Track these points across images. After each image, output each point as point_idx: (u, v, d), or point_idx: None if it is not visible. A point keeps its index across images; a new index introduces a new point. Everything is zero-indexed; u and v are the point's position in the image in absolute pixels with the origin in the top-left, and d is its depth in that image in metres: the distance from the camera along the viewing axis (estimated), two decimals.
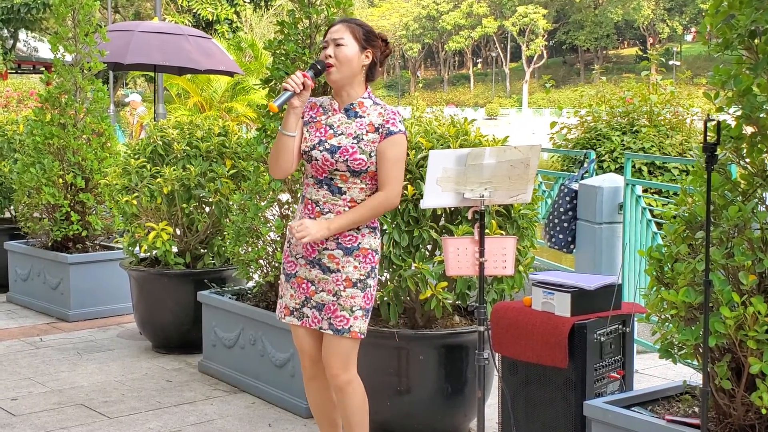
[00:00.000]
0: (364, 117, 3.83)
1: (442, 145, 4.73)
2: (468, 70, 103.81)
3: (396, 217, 4.63)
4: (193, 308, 6.34)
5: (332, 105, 3.90)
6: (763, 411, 3.20)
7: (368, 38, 3.84)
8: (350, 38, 3.80)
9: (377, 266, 3.92)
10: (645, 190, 7.35)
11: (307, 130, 3.88)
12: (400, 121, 3.83)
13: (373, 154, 3.78)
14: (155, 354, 6.61)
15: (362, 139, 3.79)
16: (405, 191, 4.59)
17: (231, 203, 6.24)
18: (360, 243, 3.85)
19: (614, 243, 6.51)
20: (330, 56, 3.78)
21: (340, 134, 3.81)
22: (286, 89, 3.70)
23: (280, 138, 3.80)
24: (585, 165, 7.22)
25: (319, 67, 3.79)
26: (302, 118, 3.88)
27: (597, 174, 7.59)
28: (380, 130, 3.79)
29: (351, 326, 3.83)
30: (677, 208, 3.65)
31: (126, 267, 6.72)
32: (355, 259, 3.83)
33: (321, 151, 3.79)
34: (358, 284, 3.84)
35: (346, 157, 3.76)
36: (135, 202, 6.42)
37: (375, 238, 3.91)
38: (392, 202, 3.83)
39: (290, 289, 3.95)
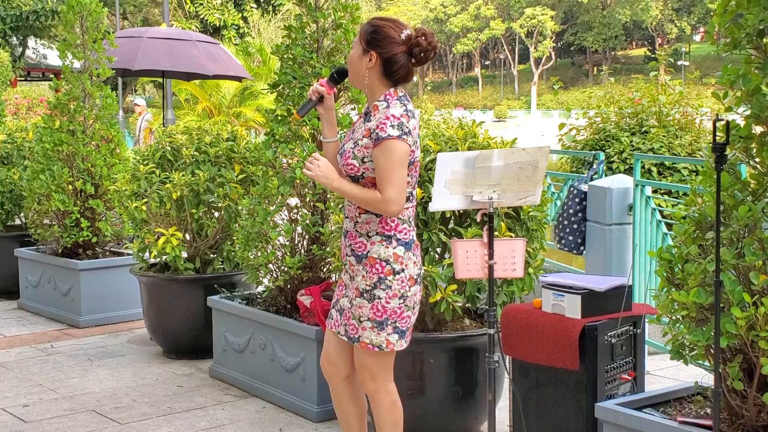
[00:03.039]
0: (370, 121, 3.69)
1: (450, 147, 4.73)
2: (476, 72, 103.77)
3: None
4: (204, 313, 6.34)
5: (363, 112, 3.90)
6: None
7: (371, 39, 3.66)
8: (356, 41, 3.76)
9: (391, 278, 3.69)
10: (654, 191, 7.34)
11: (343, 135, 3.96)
12: (391, 126, 3.59)
13: (366, 159, 3.65)
14: (166, 359, 6.61)
15: (358, 144, 3.68)
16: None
17: (240, 208, 6.25)
18: (368, 251, 3.71)
19: (624, 244, 6.49)
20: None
21: (350, 139, 3.79)
22: (310, 98, 3.77)
23: (324, 145, 3.89)
24: (594, 166, 7.21)
25: (335, 75, 3.81)
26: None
27: (606, 175, 7.57)
28: (372, 135, 3.62)
29: (360, 336, 3.77)
30: (687, 208, 3.64)
31: (136, 273, 6.73)
32: (363, 268, 3.74)
33: (338, 155, 3.82)
34: (365, 294, 3.74)
35: (343, 162, 3.74)
36: (144, 207, 6.43)
37: (387, 247, 3.69)
38: (383, 208, 3.62)
39: (336, 291, 4.01)
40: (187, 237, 6.66)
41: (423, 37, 3.67)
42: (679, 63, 67.44)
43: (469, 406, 4.78)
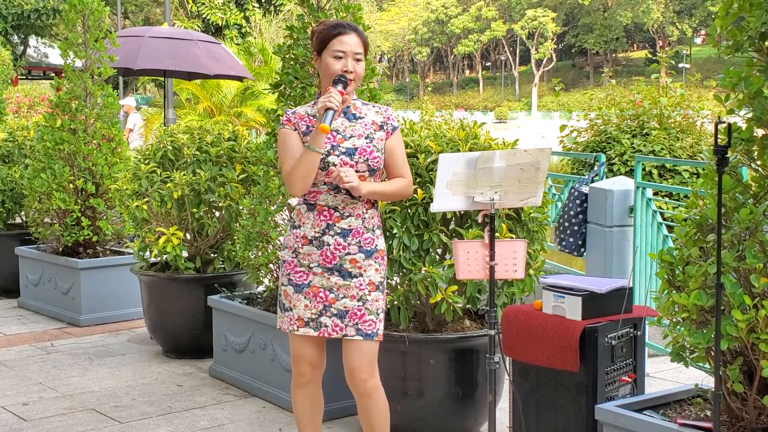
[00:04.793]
0: (363, 117, 3.90)
1: (451, 148, 4.73)
2: (477, 73, 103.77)
3: (406, 221, 4.63)
4: (204, 313, 6.35)
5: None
6: None
7: (368, 46, 3.95)
8: (364, 52, 3.88)
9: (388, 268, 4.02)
10: (655, 193, 7.34)
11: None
12: (394, 116, 3.97)
13: (382, 150, 3.86)
14: (166, 359, 6.61)
15: (373, 138, 3.85)
16: (414, 195, 4.59)
17: (241, 208, 6.25)
18: (377, 245, 3.89)
19: (625, 246, 6.49)
20: (351, 72, 3.81)
21: (350, 137, 3.83)
22: (329, 108, 3.67)
23: (311, 156, 3.73)
24: (595, 168, 7.21)
25: (344, 79, 3.79)
26: (294, 129, 3.86)
27: (607, 177, 7.57)
28: (384, 127, 3.89)
29: (378, 330, 3.87)
30: (688, 210, 3.64)
31: (136, 272, 6.73)
32: (375, 262, 3.87)
33: (338, 156, 3.78)
34: (380, 287, 3.89)
35: (366, 156, 3.80)
36: (145, 207, 6.43)
37: (382, 238, 3.97)
38: (409, 191, 3.96)
39: (304, 299, 3.87)
40: (188, 236, 6.66)
41: None
42: (680, 65, 67.43)
43: (469, 407, 4.78)
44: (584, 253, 6.79)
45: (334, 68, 3.81)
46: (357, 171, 3.78)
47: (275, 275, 5.63)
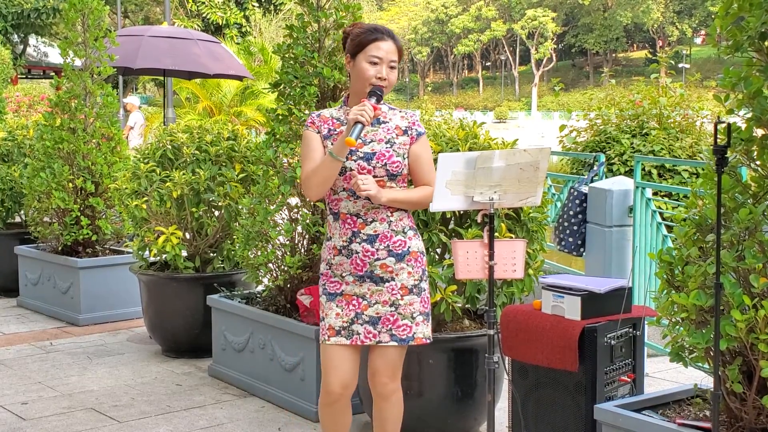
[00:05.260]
0: (387, 122, 3.85)
1: (451, 148, 4.73)
2: (477, 73, 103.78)
3: None
4: (203, 312, 6.34)
5: (348, 115, 3.76)
6: None
7: (402, 54, 3.91)
8: (398, 60, 3.83)
9: (427, 268, 3.93)
10: (655, 193, 7.34)
11: (331, 143, 3.80)
12: (420, 123, 3.92)
13: (405, 156, 3.81)
14: (165, 358, 6.61)
15: (394, 143, 3.80)
16: None
17: (240, 207, 6.24)
18: (410, 247, 3.83)
19: (624, 246, 6.49)
20: (384, 79, 3.76)
21: (370, 142, 3.78)
22: (359, 122, 3.60)
23: (332, 164, 3.68)
24: (595, 168, 7.21)
25: (379, 93, 3.74)
26: (317, 132, 3.84)
27: (606, 177, 7.57)
28: (409, 132, 3.85)
29: (415, 333, 3.81)
30: (687, 210, 3.64)
31: (136, 271, 6.73)
32: (408, 265, 3.81)
33: (355, 161, 3.74)
34: (414, 290, 3.82)
35: (384, 161, 3.75)
36: (144, 206, 6.43)
37: (419, 239, 3.90)
38: None
39: (335, 308, 3.82)
40: (187, 236, 6.66)
41: None
42: (680, 65, 67.44)
43: (469, 407, 4.78)
44: (583, 253, 6.79)
45: (368, 73, 3.75)
46: (375, 176, 3.74)
47: (274, 275, 5.63)
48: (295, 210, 5.52)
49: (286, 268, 5.47)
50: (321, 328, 3.86)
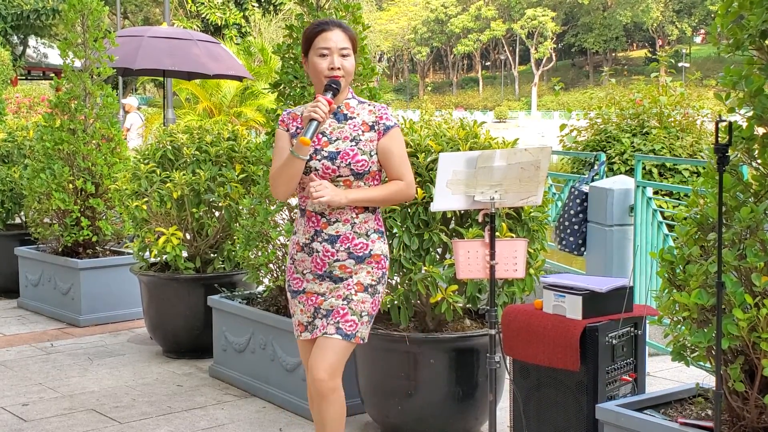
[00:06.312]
0: (355, 117, 3.76)
1: (451, 148, 4.72)
2: (477, 73, 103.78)
3: (406, 221, 4.62)
4: (204, 313, 6.34)
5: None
6: None
7: (356, 42, 3.80)
8: (351, 47, 3.73)
9: (387, 272, 3.85)
10: (656, 192, 7.33)
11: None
12: (392, 115, 3.79)
13: (373, 153, 3.72)
14: (166, 359, 6.61)
15: (360, 140, 3.71)
16: (415, 194, 4.58)
17: (241, 207, 6.24)
18: (371, 249, 3.76)
19: (625, 245, 6.49)
20: (338, 68, 3.68)
21: (336, 140, 3.71)
22: (313, 119, 3.54)
23: (293, 162, 3.63)
24: (595, 167, 7.21)
25: (335, 86, 3.65)
26: (287, 130, 3.79)
27: (607, 176, 7.57)
28: (376, 127, 3.74)
29: (357, 332, 3.72)
30: (689, 209, 3.63)
31: (136, 272, 6.73)
32: (367, 266, 3.75)
33: (320, 160, 3.69)
34: (369, 289, 3.75)
35: (348, 160, 3.67)
36: (145, 207, 6.42)
37: (384, 243, 3.82)
38: (411, 192, 3.79)
39: (299, 304, 3.85)
40: (188, 236, 6.65)
41: None
42: (680, 65, 67.44)
43: (470, 407, 4.77)
44: (584, 253, 6.79)
45: (320, 66, 3.69)
46: (340, 176, 3.67)
47: (275, 275, 5.63)
48: (296, 210, 5.52)
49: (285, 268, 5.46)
50: (294, 324, 3.89)
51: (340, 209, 3.70)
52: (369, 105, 3.81)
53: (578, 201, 6.71)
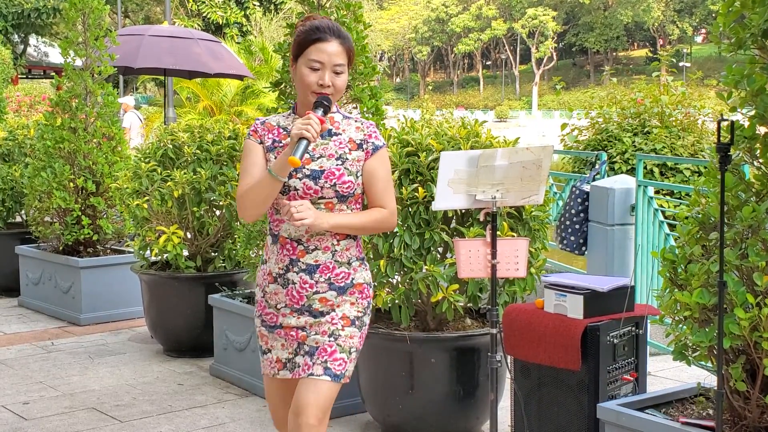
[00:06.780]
0: (340, 134, 3.32)
1: (453, 147, 4.72)
2: (477, 72, 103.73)
3: (407, 220, 4.61)
4: (204, 312, 6.34)
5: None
6: None
7: (353, 55, 3.38)
8: (346, 63, 3.29)
9: (372, 301, 3.45)
10: (657, 192, 7.33)
11: (274, 157, 3.30)
12: (380, 134, 3.38)
13: (359, 174, 3.30)
14: (166, 357, 6.61)
15: (346, 158, 3.28)
16: (416, 193, 4.58)
17: None
18: (354, 278, 3.34)
19: (626, 245, 6.49)
20: (328, 86, 3.23)
21: (319, 157, 3.27)
22: (303, 138, 3.09)
23: (271, 183, 3.20)
24: (596, 166, 7.20)
25: (326, 104, 3.21)
26: (260, 142, 3.35)
27: (608, 175, 7.56)
28: (364, 146, 3.31)
29: (346, 370, 3.28)
30: (690, 209, 3.63)
31: (137, 271, 6.73)
32: (350, 297, 3.32)
33: (300, 179, 3.25)
34: (356, 322, 3.33)
35: (334, 181, 3.24)
36: (146, 205, 6.42)
37: (367, 270, 3.42)
38: (393, 221, 3.37)
39: (279, 339, 3.37)
40: (189, 235, 6.65)
41: None
42: (681, 64, 67.40)
43: (471, 406, 4.77)
44: (585, 252, 6.78)
45: (308, 80, 3.23)
46: (323, 198, 3.25)
47: None
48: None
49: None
50: (269, 361, 3.42)
51: (320, 235, 3.27)
52: (356, 121, 3.38)
53: (579, 200, 6.71)
